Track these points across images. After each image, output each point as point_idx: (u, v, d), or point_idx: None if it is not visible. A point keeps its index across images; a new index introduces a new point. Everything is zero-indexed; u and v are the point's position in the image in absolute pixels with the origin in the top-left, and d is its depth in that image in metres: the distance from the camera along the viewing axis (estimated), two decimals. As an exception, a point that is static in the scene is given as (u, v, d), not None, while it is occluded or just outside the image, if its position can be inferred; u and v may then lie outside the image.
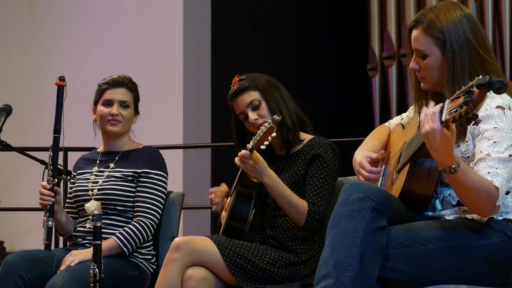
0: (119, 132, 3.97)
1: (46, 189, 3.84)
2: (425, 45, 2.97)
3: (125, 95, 3.97)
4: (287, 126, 3.66)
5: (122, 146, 4.02)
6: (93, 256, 3.08)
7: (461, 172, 2.68)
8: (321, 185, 3.59)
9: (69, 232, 3.96)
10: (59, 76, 3.93)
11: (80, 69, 6.91)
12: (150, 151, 3.97)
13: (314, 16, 8.00)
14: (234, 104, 3.74)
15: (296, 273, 3.53)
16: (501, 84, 2.48)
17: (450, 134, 2.62)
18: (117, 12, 7.25)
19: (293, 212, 3.56)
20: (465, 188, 2.72)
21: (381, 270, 2.79)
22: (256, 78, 3.74)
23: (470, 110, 2.50)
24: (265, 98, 3.68)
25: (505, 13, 7.24)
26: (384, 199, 2.83)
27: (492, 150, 2.79)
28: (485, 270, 2.81)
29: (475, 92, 2.49)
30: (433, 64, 2.97)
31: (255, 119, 3.67)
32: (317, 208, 3.55)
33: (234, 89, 3.72)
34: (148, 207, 3.86)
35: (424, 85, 3.04)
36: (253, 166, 3.51)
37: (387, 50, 7.84)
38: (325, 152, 3.63)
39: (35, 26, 7.44)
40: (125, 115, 3.96)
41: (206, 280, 3.44)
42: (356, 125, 7.47)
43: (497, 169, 2.76)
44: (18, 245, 7.01)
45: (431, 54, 2.97)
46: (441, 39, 2.95)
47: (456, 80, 2.91)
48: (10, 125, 4.07)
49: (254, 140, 3.52)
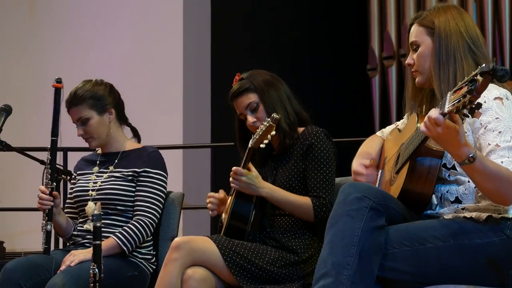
0: (100, 144, 3.98)
1: (45, 194, 3.83)
2: (418, 35, 3.05)
3: (77, 112, 3.92)
4: (283, 130, 3.64)
5: (121, 146, 4.01)
6: (93, 256, 3.08)
7: (479, 160, 2.69)
8: (322, 175, 3.58)
9: (68, 234, 3.95)
10: (56, 78, 3.89)
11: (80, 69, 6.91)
12: (149, 151, 3.97)
13: (313, 16, 8.00)
14: (234, 104, 3.74)
15: (296, 273, 3.53)
16: (505, 72, 2.49)
17: (456, 125, 2.62)
18: (117, 12, 7.25)
19: (299, 212, 3.57)
20: (486, 176, 2.72)
21: (380, 270, 2.79)
22: (255, 78, 3.71)
23: (474, 99, 2.50)
24: (262, 101, 3.67)
25: (505, 13, 7.24)
26: (382, 198, 2.83)
27: (499, 140, 2.81)
28: (484, 269, 2.81)
29: (479, 80, 2.49)
30: (424, 52, 3.03)
31: (253, 122, 3.66)
32: (322, 200, 3.55)
33: (234, 89, 3.72)
34: (148, 206, 3.86)
35: (418, 80, 3.07)
36: (245, 182, 3.53)
37: (387, 50, 7.85)
38: (320, 141, 3.61)
39: (35, 26, 7.43)
40: (88, 129, 3.93)
41: (206, 280, 3.44)
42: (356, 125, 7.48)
43: (509, 158, 2.78)
44: (18, 245, 7.01)
45: (423, 43, 3.04)
46: (432, 27, 3.02)
47: (441, 65, 2.96)
48: (10, 125, 4.07)
49: (254, 139, 3.53)
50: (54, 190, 3.85)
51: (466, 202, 2.92)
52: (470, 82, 2.51)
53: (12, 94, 7.05)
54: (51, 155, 3.87)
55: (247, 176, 3.54)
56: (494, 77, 2.50)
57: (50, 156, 3.87)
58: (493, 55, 7.21)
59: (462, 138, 2.65)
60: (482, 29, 7.21)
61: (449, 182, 2.95)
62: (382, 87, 7.88)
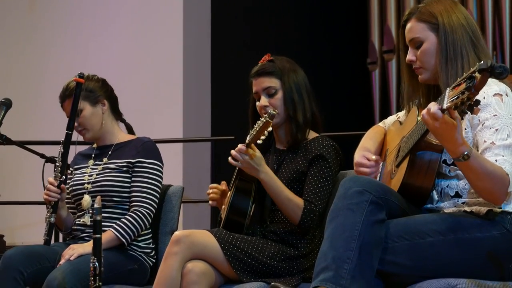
0: (94, 136, 3.99)
1: (53, 186, 3.83)
2: (419, 31, 3.01)
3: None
4: (297, 123, 3.63)
5: (115, 139, 4.02)
6: (93, 249, 3.08)
7: (473, 159, 2.69)
8: (321, 185, 3.58)
9: (68, 228, 3.95)
10: (79, 73, 3.86)
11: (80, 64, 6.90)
12: (143, 141, 3.97)
13: (314, 10, 7.99)
14: (253, 81, 3.70)
15: (296, 267, 3.53)
16: (503, 69, 2.48)
17: (454, 121, 2.62)
18: (117, 6, 7.24)
19: (288, 209, 3.55)
20: (479, 175, 2.72)
21: (380, 263, 2.79)
22: (284, 66, 3.68)
23: (472, 96, 2.50)
24: (283, 89, 3.65)
25: (505, 12, 7.22)
26: (382, 192, 2.83)
27: (495, 138, 2.81)
28: (484, 263, 2.81)
29: (477, 77, 2.48)
30: (430, 49, 3.00)
31: (264, 106, 3.64)
32: (314, 207, 3.54)
33: (259, 67, 3.69)
34: (144, 196, 3.86)
35: (422, 76, 3.05)
36: (248, 161, 3.50)
37: (387, 44, 7.84)
38: (328, 153, 3.61)
39: (35, 20, 7.43)
40: (82, 121, 3.94)
41: (206, 274, 3.44)
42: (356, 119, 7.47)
43: (503, 156, 2.78)
44: (18, 238, 7.01)
45: (427, 39, 3.00)
46: (435, 22, 2.99)
47: (449, 61, 2.94)
48: (10, 119, 4.07)
49: (251, 134, 3.52)
50: (62, 183, 3.85)
51: (466, 196, 2.92)
52: (468, 79, 2.51)
53: (12, 88, 7.04)
54: (63, 148, 3.87)
55: (250, 155, 3.53)
56: (492, 74, 2.49)
57: (63, 149, 3.87)
58: (493, 49, 7.21)
59: (459, 136, 2.65)
60: (482, 22, 7.20)
61: (449, 177, 2.95)
62: (382, 81, 7.87)
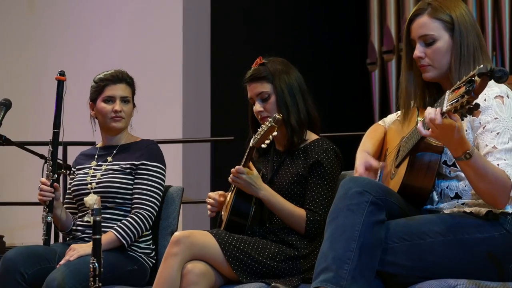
0: (122, 127, 3.99)
1: (46, 185, 3.83)
2: (434, 29, 2.99)
3: (125, 90, 3.98)
4: (292, 126, 3.62)
5: (120, 140, 4.02)
6: (93, 250, 3.08)
7: (475, 158, 2.69)
8: (323, 192, 3.57)
9: (68, 228, 3.96)
10: (59, 71, 3.92)
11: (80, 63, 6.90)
12: (147, 144, 3.98)
13: (313, 10, 7.99)
14: (247, 86, 3.70)
15: (296, 268, 3.53)
16: (503, 73, 2.48)
17: (453, 122, 2.61)
18: (117, 6, 7.24)
19: (292, 222, 3.57)
20: (481, 175, 2.72)
21: (380, 264, 2.79)
22: (275, 68, 3.67)
23: (472, 100, 2.50)
24: (275, 93, 3.65)
25: (505, 11, 7.22)
26: (382, 193, 2.83)
27: (497, 142, 2.81)
28: (484, 264, 2.81)
29: (477, 82, 2.48)
30: (443, 48, 2.98)
31: (259, 111, 3.65)
32: (317, 216, 3.55)
33: (251, 73, 3.69)
34: (146, 199, 3.87)
35: (429, 74, 3.03)
36: (246, 180, 3.52)
37: (386, 44, 7.83)
38: (328, 158, 3.60)
39: (35, 20, 7.42)
40: (127, 110, 3.97)
41: (205, 274, 3.44)
42: (356, 120, 7.46)
43: (505, 160, 2.78)
44: (17, 239, 7.01)
45: (440, 38, 2.99)
46: (450, 22, 2.98)
47: (462, 63, 2.94)
48: (9, 119, 4.07)
49: (255, 138, 3.52)
50: (54, 182, 3.85)
51: (466, 198, 2.93)
52: (468, 83, 2.51)
53: (11, 88, 7.04)
54: (52, 147, 3.87)
55: (248, 175, 3.54)
56: (492, 78, 2.49)
57: (52, 148, 3.88)
58: (492, 50, 7.20)
59: (459, 135, 2.64)
60: (482, 22, 7.19)
61: (449, 178, 2.95)
62: (382, 81, 7.87)
